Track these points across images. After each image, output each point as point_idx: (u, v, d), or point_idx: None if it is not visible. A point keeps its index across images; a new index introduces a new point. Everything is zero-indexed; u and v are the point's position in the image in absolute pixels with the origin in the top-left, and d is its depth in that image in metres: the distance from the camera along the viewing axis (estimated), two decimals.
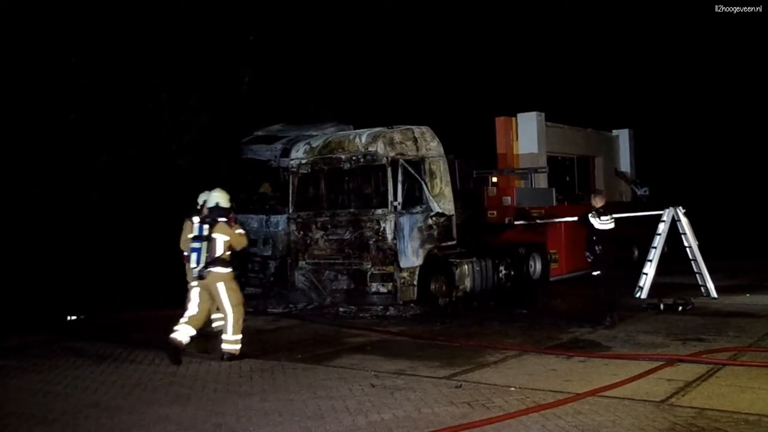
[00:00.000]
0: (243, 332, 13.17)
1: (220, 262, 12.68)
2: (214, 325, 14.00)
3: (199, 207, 14.10)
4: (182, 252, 14.57)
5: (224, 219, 12.93)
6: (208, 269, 12.64)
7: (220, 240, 12.70)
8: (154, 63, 22.84)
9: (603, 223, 15.04)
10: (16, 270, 19.62)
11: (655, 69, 36.90)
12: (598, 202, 15.43)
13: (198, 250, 12.91)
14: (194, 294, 12.96)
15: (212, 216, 12.94)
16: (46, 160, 21.29)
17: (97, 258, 21.03)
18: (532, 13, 33.90)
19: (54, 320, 17.23)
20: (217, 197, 13.04)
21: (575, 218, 16.94)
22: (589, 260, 15.46)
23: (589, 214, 15.21)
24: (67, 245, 20.94)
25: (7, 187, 20.80)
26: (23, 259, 20.12)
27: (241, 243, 13.15)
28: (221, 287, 12.69)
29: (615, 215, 15.50)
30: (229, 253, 12.82)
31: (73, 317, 17.45)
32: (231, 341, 12.79)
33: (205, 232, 12.97)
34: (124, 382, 11.24)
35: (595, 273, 15.42)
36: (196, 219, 13.63)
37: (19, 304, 18.45)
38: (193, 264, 12.99)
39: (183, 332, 12.59)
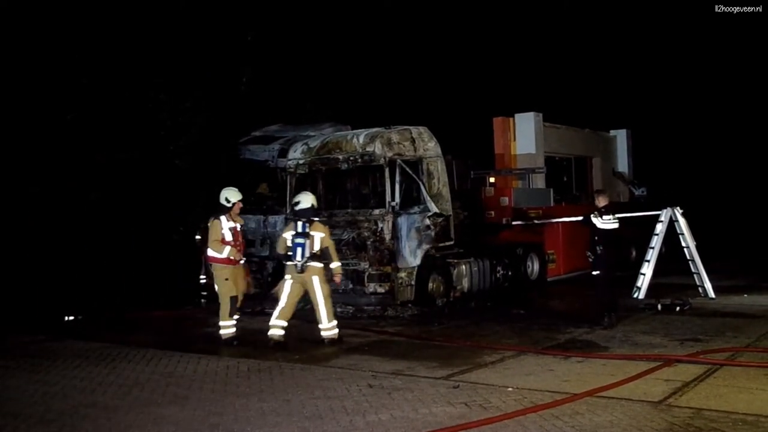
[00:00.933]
0: (239, 333, 14.08)
1: (315, 257, 13.90)
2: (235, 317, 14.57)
3: (229, 205, 14.14)
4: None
5: (318, 218, 14.34)
6: (307, 263, 13.81)
7: (317, 237, 13.90)
8: (152, 63, 22.84)
9: (605, 223, 15.03)
10: (14, 270, 19.61)
11: (653, 69, 36.93)
12: (601, 202, 15.41)
13: (303, 245, 13.81)
14: (287, 287, 14.17)
15: (306, 216, 14.05)
16: (45, 160, 21.29)
17: (95, 258, 21.02)
18: (530, 13, 33.94)
19: (52, 320, 17.23)
20: (311, 200, 14.30)
21: (579, 218, 16.99)
22: (590, 260, 15.44)
23: (591, 215, 15.22)
24: (65, 245, 20.93)
25: (7, 187, 20.79)
26: (21, 259, 20.11)
27: (330, 242, 14.19)
28: (316, 280, 13.90)
29: (618, 215, 15.52)
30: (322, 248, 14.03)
31: (71, 317, 17.46)
32: (329, 328, 14.03)
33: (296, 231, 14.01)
34: (121, 382, 11.23)
35: (594, 273, 15.40)
36: (224, 218, 14.22)
37: (17, 304, 18.43)
38: (298, 258, 13.86)
39: (277, 327, 13.96)
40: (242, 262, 14.53)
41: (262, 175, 20.48)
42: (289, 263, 14.04)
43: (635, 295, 18.75)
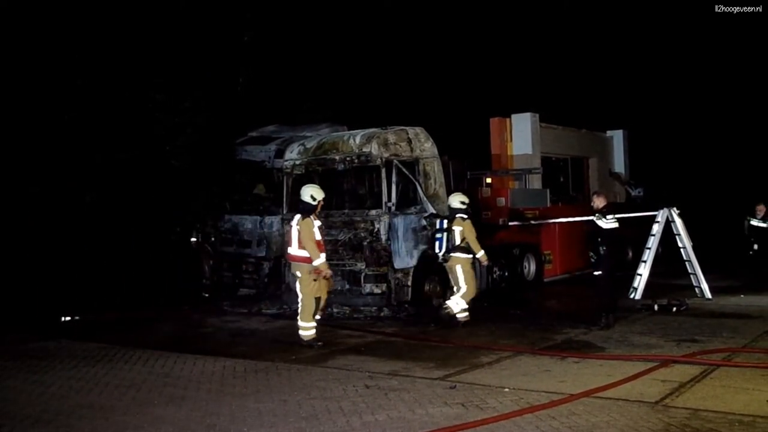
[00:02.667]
0: (236, 333, 14.48)
1: (458, 248, 15.91)
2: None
3: (314, 203, 14.17)
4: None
5: (462, 216, 15.99)
6: (450, 254, 15.92)
7: (457, 231, 15.90)
8: (150, 64, 22.84)
9: (608, 222, 15.06)
10: (12, 270, 19.61)
11: (650, 69, 36.92)
12: (600, 203, 15.42)
13: (441, 239, 16.08)
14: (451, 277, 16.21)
15: (452, 214, 16.14)
16: (43, 160, 21.28)
17: (93, 259, 21.03)
18: (527, 13, 33.93)
19: (49, 321, 17.20)
20: (458, 199, 16.27)
21: (576, 219, 17.14)
22: (593, 260, 15.42)
23: (594, 217, 15.25)
24: (63, 246, 20.94)
25: (5, 187, 20.79)
26: (19, 259, 20.11)
27: (470, 234, 16.00)
28: (459, 269, 15.91)
29: (618, 215, 15.55)
30: (466, 241, 15.89)
31: (68, 318, 17.44)
32: (457, 303, 15.84)
33: (444, 226, 16.15)
34: (118, 383, 11.23)
35: (596, 273, 15.38)
36: (312, 217, 14.16)
37: (15, 304, 18.43)
38: (436, 250, 16.20)
39: (461, 312, 15.84)
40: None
41: (259, 176, 20.48)
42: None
43: (632, 296, 18.75)
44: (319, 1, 28.00)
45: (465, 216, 16.11)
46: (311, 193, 14.26)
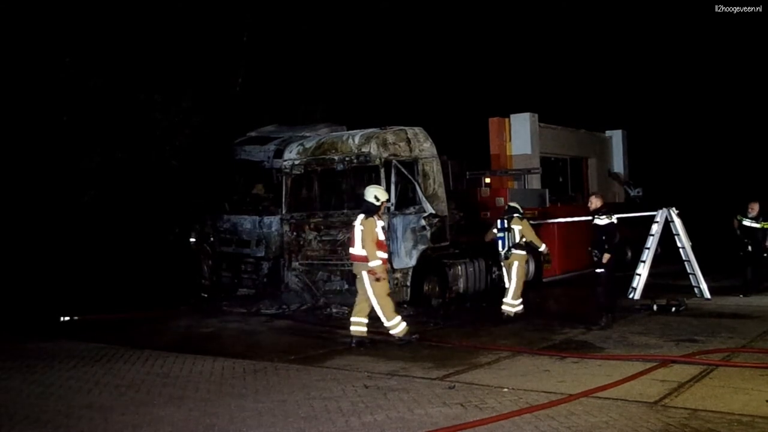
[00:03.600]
0: (235, 333, 14.63)
1: (517, 246, 16.80)
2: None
3: (378, 204, 14.14)
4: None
5: (518, 215, 16.93)
6: (510, 251, 16.77)
7: (516, 229, 16.80)
8: (147, 64, 22.82)
9: (604, 219, 15.08)
10: (10, 271, 19.60)
11: (649, 69, 36.90)
12: (597, 204, 15.42)
13: (503, 238, 16.96)
14: (505, 271, 17.16)
15: (509, 213, 16.97)
16: (41, 160, 21.27)
17: (91, 259, 21.02)
18: (526, 13, 33.92)
19: (48, 321, 17.20)
20: (516, 202, 17.41)
21: (581, 218, 17.38)
22: (595, 259, 15.38)
23: (596, 219, 15.26)
24: (61, 246, 20.94)
25: (2, 188, 20.78)
26: (17, 259, 20.10)
27: (529, 231, 17.09)
28: (516, 265, 16.80)
29: (616, 215, 15.57)
30: (525, 239, 16.87)
31: (66, 318, 17.43)
32: (511, 304, 16.81)
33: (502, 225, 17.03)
34: (117, 383, 11.22)
35: (598, 270, 15.36)
36: (376, 217, 14.10)
37: (13, 305, 18.42)
38: (500, 248, 16.99)
39: (507, 305, 16.81)
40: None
41: (258, 176, 20.46)
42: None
43: (631, 296, 18.76)
44: (318, 1, 27.98)
45: (521, 215, 17.06)
46: (375, 193, 14.19)
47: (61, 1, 21.78)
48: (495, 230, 17.21)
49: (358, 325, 13.99)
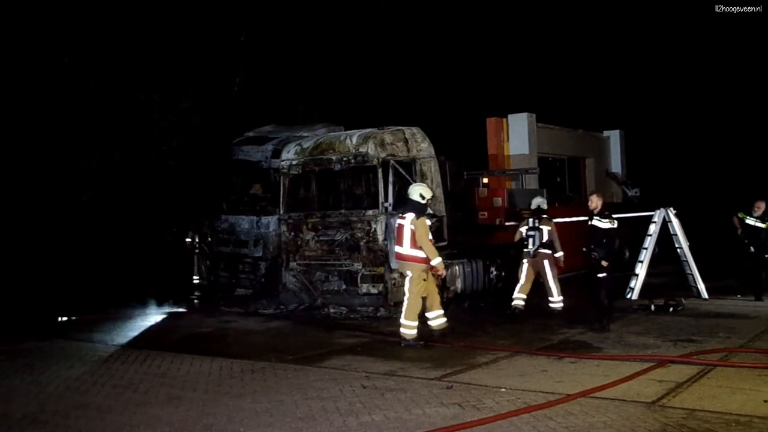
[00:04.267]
0: (233, 333, 14.80)
1: (545, 245, 17.35)
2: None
3: (424, 202, 14.32)
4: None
5: (547, 216, 17.60)
6: (539, 250, 17.33)
7: (545, 230, 17.35)
8: (146, 64, 22.81)
9: (606, 222, 14.96)
10: (7, 271, 19.59)
11: (647, 69, 36.88)
12: (597, 203, 15.27)
13: (533, 237, 17.35)
14: (524, 269, 17.49)
15: (539, 214, 17.50)
16: (39, 160, 21.27)
17: (89, 259, 21.01)
18: (524, 13, 33.91)
19: (45, 321, 17.18)
20: (539, 201, 17.83)
21: (579, 219, 17.44)
22: (594, 259, 15.22)
23: (594, 219, 15.15)
24: (58, 246, 20.93)
25: (1, 187, 20.77)
26: (15, 259, 20.09)
27: (555, 235, 17.57)
28: (546, 264, 17.43)
29: (615, 215, 15.51)
30: (550, 239, 17.41)
31: (64, 318, 17.42)
32: (556, 301, 17.48)
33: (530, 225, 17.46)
34: (115, 383, 11.22)
35: (600, 275, 15.20)
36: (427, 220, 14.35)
37: (10, 305, 18.40)
38: (530, 246, 17.34)
39: (519, 299, 17.35)
40: None
41: (256, 176, 20.47)
42: (525, 250, 17.45)
43: (628, 296, 18.77)
44: (316, 1, 27.98)
45: (548, 217, 17.71)
46: (420, 191, 14.20)
47: (61, 1, 21.77)
48: (523, 229, 17.57)
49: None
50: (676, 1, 33.97)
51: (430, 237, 14.01)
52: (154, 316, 18.18)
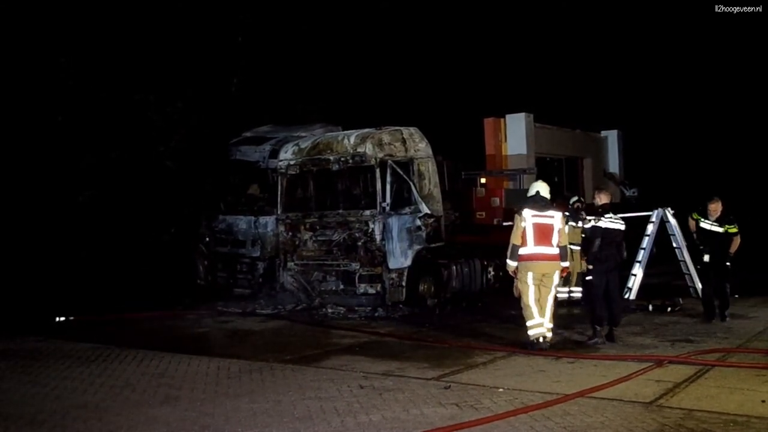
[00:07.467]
0: (231, 333, 14.96)
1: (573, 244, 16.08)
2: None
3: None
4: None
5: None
6: None
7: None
8: (143, 64, 22.79)
9: (614, 222, 14.61)
10: (5, 271, 19.56)
11: (645, 69, 36.84)
12: (604, 199, 14.71)
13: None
14: None
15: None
16: (36, 161, 21.25)
17: (87, 259, 21.00)
18: (521, 13, 33.90)
19: (43, 322, 17.15)
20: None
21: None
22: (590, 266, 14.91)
23: (593, 219, 14.94)
24: (56, 246, 20.91)
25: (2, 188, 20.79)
26: (12, 259, 20.06)
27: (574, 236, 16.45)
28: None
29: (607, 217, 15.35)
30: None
31: (62, 318, 17.39)
32: (562, 291, 17.13)
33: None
34: (112, 383, 11.21)
35: (587, 278, 14.82)
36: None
37: (8, 305, 18.37)
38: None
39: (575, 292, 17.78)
40: None
41: (253, 176, 20.46)
42: None
43: (626, 296, 18.70)
44: (315, 1, 27.97)
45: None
46: (537, 189, 13.94)
47: (57, 1, 21.76)
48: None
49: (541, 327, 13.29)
50: (676, 1, 33.97)
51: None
52: (151, 317, 18.14)
